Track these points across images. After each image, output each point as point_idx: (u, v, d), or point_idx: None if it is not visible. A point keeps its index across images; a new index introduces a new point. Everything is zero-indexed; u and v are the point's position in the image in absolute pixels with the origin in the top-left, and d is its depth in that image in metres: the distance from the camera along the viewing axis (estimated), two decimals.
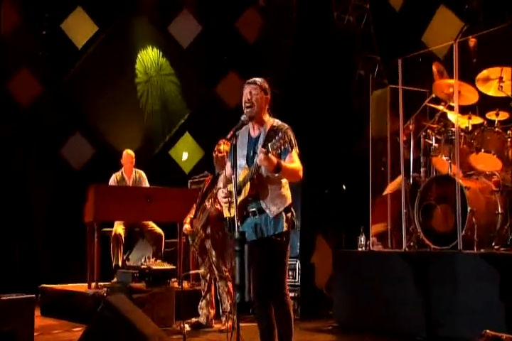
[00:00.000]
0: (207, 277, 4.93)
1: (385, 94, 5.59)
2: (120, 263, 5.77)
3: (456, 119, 4.62)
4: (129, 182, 6.36)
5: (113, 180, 6.35)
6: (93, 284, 5.63)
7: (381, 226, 5.42)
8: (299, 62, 7.78)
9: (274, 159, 3.11)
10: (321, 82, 7.52)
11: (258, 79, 3.35)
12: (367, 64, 7.35)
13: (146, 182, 6.45)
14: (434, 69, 5.01)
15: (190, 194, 5.76)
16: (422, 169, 5.08)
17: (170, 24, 8.27)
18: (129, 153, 6.44)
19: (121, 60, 7.86)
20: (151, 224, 6.07)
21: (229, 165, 3.44)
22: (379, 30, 7.21)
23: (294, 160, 3.26)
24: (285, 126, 3.34)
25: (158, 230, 6.05)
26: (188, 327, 4.82)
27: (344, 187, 7.18)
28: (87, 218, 5.87)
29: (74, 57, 7.64)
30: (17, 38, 7.17)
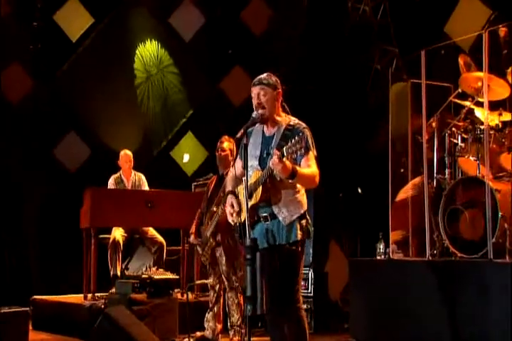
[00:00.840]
0: (216, 288, 4.89)
1: (405, 90, 5.55)
2: (119, 273, 5.75)
3: (486, 116, 4.54)
4: (128, 185, 6.35)
5: (112, 183, 6.34)
6: (89, 295, 5.61)
7: (397, 235, 5.36)
8: (310, 56, 7.73)
9: (288, 164, 3.05)
10: (333, 77, 7.50)
11: (263, 76, 3.31)
12: (384, 57, 7.29)
13: (146, 186, 6.44)
14: (460, 61, 4.95)
15: (194, 198, 5.75)
16: (446, 170, 5.02)
17: (171, 16, 8.23)
18: (126, 154, 6.43)
19: (119, 54, 7.82)
20: (152, 231, 6.06)
21: (239, 166, 3.38)
22: (397, 20, 7.14)
23: (310, 165, 3.21)
24: (302, 126, 3.29)
25: (160, 237, 6.03)
26: None
27: (360, 190, 7.15)
28: (83, 224, 5.85)
29: (68, 50, 7.60)
30: (6, 29, 7.12)
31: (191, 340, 4.78)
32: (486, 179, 4.45)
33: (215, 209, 4.75)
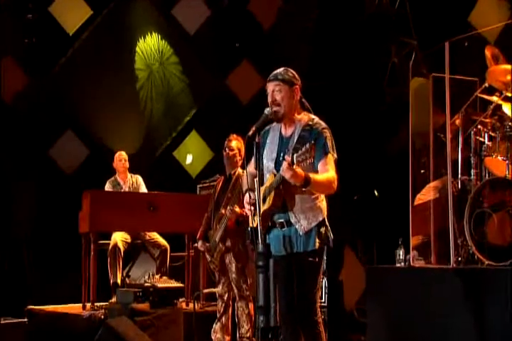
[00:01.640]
0: (224, 297, 4.86)
1: (424, 85, 5.52)
2: (119, 281, 5.76)
3: None
4: (125, 188, 6.39)
5: (108, 187, 6.38)
6: (88, 305, 5.62)
7: (415, 240, 5.32)
8: (322, 49, 7.68)
9: (300, 172, 3.02)
10: (347, 72, 7.44)
11: (279, 70, 3.30)
12: (401, 50, 7.23)
13: (144, 188, 6.49)
14: (487, 53, 4.92)
15: (199, 200, 5.78)
16: (472, 171, 4.97)
17: (174, 7, 8.19)
18: (120, 155, 6.47)
19: (119, 48, 7.79)
20: (154, 236, 6.06)
21: (252, 163, 3.35)
22: (416, 10, 7.08)
23: (328, 169, 3.17)
24: (321, 126, 3.26)
25: (163, 242, 6.04)
26: None
27: (376, 193, 7.13)
28: (81, 228, 5.85)
29: (64, 44, 7.55)
30: None
31: None
32: None
33: (223, 212, 4.72)
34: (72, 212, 5.99)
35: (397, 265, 5.21)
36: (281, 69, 3.30)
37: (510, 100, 4.75)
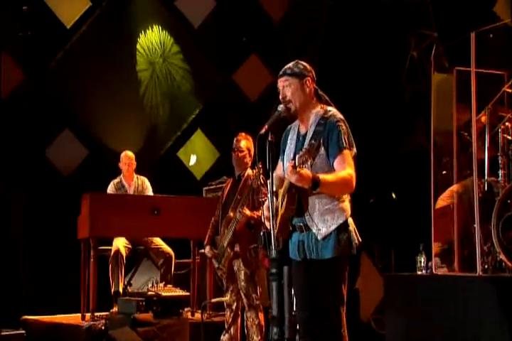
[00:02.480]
0: (233, 306, 4.82)
1: (446, 80, 5.48)
2: (121, 289, 5.74)
3: None
4: (130, 191, 6.39)
5: (111, 189, 6.37)
6: (88, 315, 5.61)
7: (435, 246, 5.32)
8: (335, 43, 7.68)
9: (305, 174, 2.97)
10: (362, 66, 7.44)
11: (288, 65, 3.27)
12: (420, 42, 7.20)
13: (150, 191, 6.48)
14: None
15: (206, 204, 5.79)
16: (500, 172, 4.92)
17: None
18: (128, 155, 6.46)
19: (119, 42, 7.78)
20: (158, 241, 6.06)
21: (280, 165, 3.34)
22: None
23: (344, 167, 3.09)
24: (335, 118, 3.19)
25: (167, 247, 6.04)
26: None
27: (394, 195, 7.11)
28: (80, 234, 5.86)
29: (62, 38, 7.55)
30: None
31: None
32: None
33: (231, 215, 4.69)
34: (71, 216, 5.99)
35: (419, 273, 5.20)
36: (292, 63, 3.27)
37: None
